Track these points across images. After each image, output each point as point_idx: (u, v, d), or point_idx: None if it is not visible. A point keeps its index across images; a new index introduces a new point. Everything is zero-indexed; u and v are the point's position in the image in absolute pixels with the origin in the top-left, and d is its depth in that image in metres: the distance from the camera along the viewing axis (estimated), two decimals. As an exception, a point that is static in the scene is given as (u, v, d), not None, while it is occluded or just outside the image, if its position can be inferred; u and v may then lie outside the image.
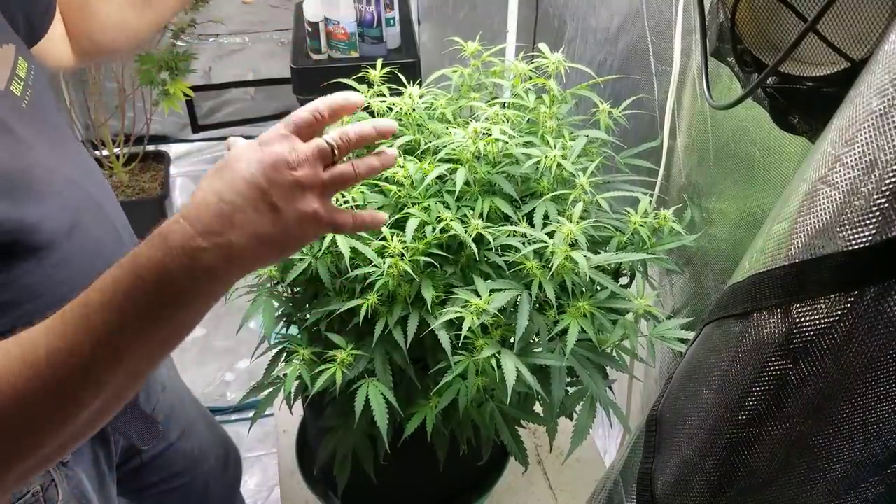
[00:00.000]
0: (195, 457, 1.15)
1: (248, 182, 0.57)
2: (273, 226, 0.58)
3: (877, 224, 0.41)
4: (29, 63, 0.80)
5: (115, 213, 0.86)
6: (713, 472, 0.53)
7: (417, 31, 2.42)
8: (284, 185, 0.58)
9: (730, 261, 0.97)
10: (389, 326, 0.86)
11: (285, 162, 0.58)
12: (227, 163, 0.59)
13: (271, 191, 0.58)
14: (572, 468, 1.32)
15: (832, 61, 0.55)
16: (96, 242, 0.79)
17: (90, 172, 0.85)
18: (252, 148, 0.59)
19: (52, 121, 0.82)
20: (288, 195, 0.58)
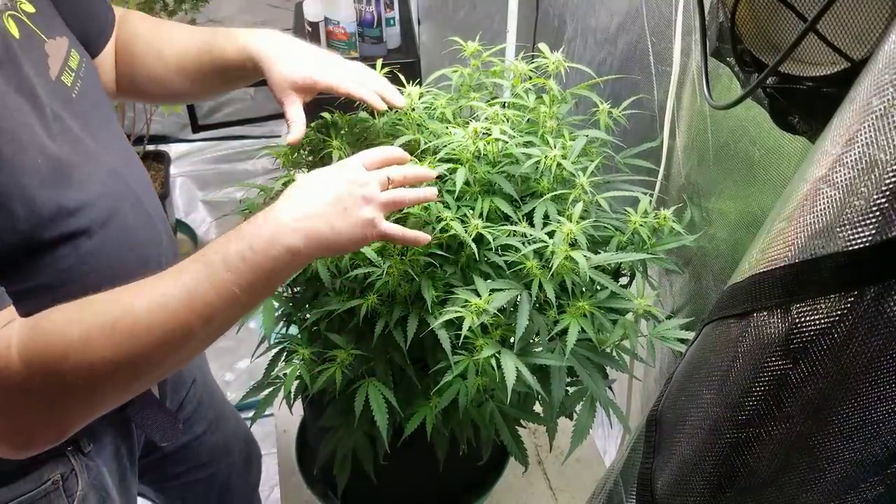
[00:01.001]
0: (220, 449, 1.16)
1: (332, 188, 0.75)
2: (343, 221, 0.75)
3: (877, 224, 0.41)
4: (81, 56, 0.83)
5: (153, 207, 0.88)
6: (713, 472, 0.53)
7: (417, 31, 2.42)
8: (355, 195, 0.76)
9: (730, 261, 0.97)
10: (389, 326, 0.86)
11: (358, 181, 0.76)
12: (312, 176, 0.77)
13: (346, 197, 0.75)
14: (572, 468, 1.32)
15: (832, 61, 0.55)
16: (131, 233, 0.81)
17: (133, 165, 0.87)
18: (338, 167, 0.78)
19: (99, 112, 0.84)
20: (356, 203, 0.76)
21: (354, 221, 0.75)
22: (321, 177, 0.77)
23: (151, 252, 0.85)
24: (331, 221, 0.74)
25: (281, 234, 0.72)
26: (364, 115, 1.04)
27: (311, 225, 0.73)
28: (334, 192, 0.75)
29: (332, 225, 0.74)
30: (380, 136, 1.01)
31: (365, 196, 0.76)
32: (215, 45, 0.97)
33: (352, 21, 1.98)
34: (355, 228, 0.75)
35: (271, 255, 0.71)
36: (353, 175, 0.77)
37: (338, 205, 0.74)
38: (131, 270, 0.78)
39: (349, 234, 0.75)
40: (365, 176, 0.77)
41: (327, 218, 0.74)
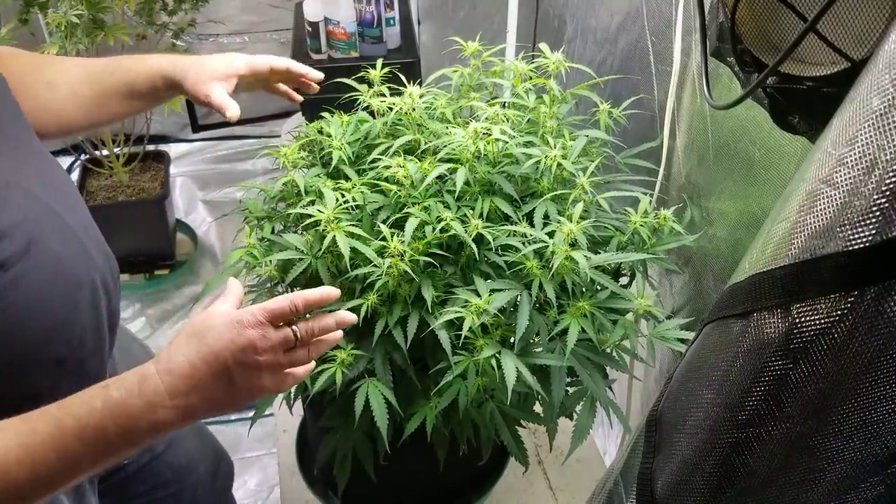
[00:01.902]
0: (182, 467, 1.14)
1: (216, 357, 0.67)
2: (227, 395, 0.68)
3: (877, 224, 0.41)
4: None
5: (80, 226, 0.82)
6: (713, 472, 0.53)
7: (417, 31, 2.42)
8: (247, 366, 0.68)
9: (730, 261, 0.97)
10: (389, 326, 0.86)
11: (253, 347, 0.67)
12: (203, 331, 0.68)
13: (234, 369, 0.67)
14: (572, 468, 1.32)
15: (832, 61, 0.55)
16: (57, 259, 0.75)
17: (54, 184, 0.81)
18: (229, 327, 0.68)
19: (11, 131, 0.79)
20: (247, 374, 0.68)
21: (243, 393, 0.69)
22: (210, 336, 0.67)
23: (82, 273, 0.79)
24: (212, 396, 0.67)
25: (152, 413, 0.65)
26: (364, 115, 1.04)
27: (189, 402, 0.66)
28: (220, 363, 0.67)
29: (211, 400, 0.68)
30: (380, 135, 1.01)
31: (259, 364, 0.68)
32: (119, 67, 0.96)
33: (352, 21, 1.98)
34: (242, 400, 0.69)
35: (137, 432, 0.66)
36: (246, 339, 0.67)
37: (222, 376, 0.67)
38: (60, 296, 0.75)
39: (233, 405, 0.69)
40: (262, 339, 0.68)
41: (210, 392, 0.67)
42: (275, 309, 0.69)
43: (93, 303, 0.80)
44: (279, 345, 0.69)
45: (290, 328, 0.70)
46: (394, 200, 0.92)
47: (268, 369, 0.69)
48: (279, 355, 0.69)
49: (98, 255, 0.83)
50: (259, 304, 0.69)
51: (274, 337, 0.69)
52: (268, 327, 0.68)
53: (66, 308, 0.76)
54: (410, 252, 0.85)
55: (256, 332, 0.68)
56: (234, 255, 0.95)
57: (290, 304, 0.69)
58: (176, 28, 2.30)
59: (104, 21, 2.00)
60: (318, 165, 1.03)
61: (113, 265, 0.86)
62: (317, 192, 0.93)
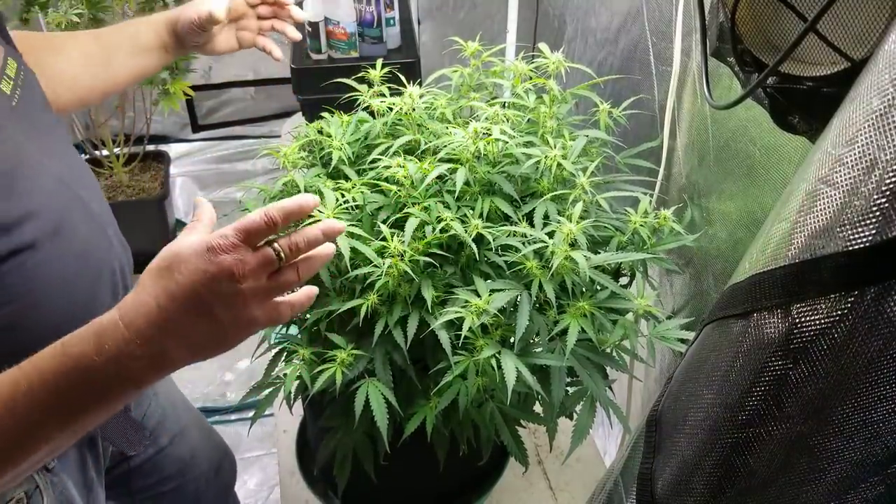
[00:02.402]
0: (186, 461, 1.14)
1: (187, 292, 0.58)
2: (210, 333, 0.59)
3: (877, 224, 0.41)
4: (18, 63, 0.81)
5: (103, 215, 0.84)
6: (713, 472, 0.53)
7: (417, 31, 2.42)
8: (227, 296, 0.58)
9: (730, 261, 0.97)
10: (389, 326, 0.86)
11: (231, 274, 0.58)
12: (171, 264, 0.59)
13: (213, 301, 0.58)
14: (572, 468, 1.32)
15: (832, 61, 0.55)
16: (83, 243, 0.78)
17: (80, 173, 0.84)
18: (199, 255, 0.58)
19: (41, 120, 0.81)
20: (229, 304, 0.59)
21: (230, 328, 0.60)
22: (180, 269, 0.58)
23: (104, 258, 0.82)
24: (192, 338, 0.59)
25: (118, 365, 0.57)
26: (364, 115, 1.04)
27: (160, 350, 0.58)
28: (193, 296, 0.58)
29: (194, 344, 0.60)
30: (380, 136, 1.01)
31: (240, 293, 0.59)
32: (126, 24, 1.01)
33: (352, 21, 1.98)
34: (232, 338, 0.61)
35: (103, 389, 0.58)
36: (220, 267, 0.58)
37: (199, 312, 0.58)
38: (84, 279, 0.77)
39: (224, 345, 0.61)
40: (238, 264, 0.58)
41: (187, 334, 0.59)
42: (249, 226, 0.60)
43: (112, 288, 0.82)
44: (260, 267, 0.60)
45: (271, 247, 0.61)
46: (394, 200, 0.92)
47: (253, 298, 0.60)
48: (262, 280, 0.61)
49: (116, 242, 0.85)
50: (231, 225, 0.60)
51: (252, 259, 0.60)
52: (244, 249, 0.59)
53: (89, 291, 0.78)
54: (410, 252, 0.85)
55: (231, 256, 0.58)
56: (234, 255, 0.95)
57: (264, 217, 0.60)
58: (176, 28, 2.30)
59: (104, 20, 2.00)
60: (318, 165, 1.03)
61: (129, 255, 0.89)
62: (317, 192, 0.93)
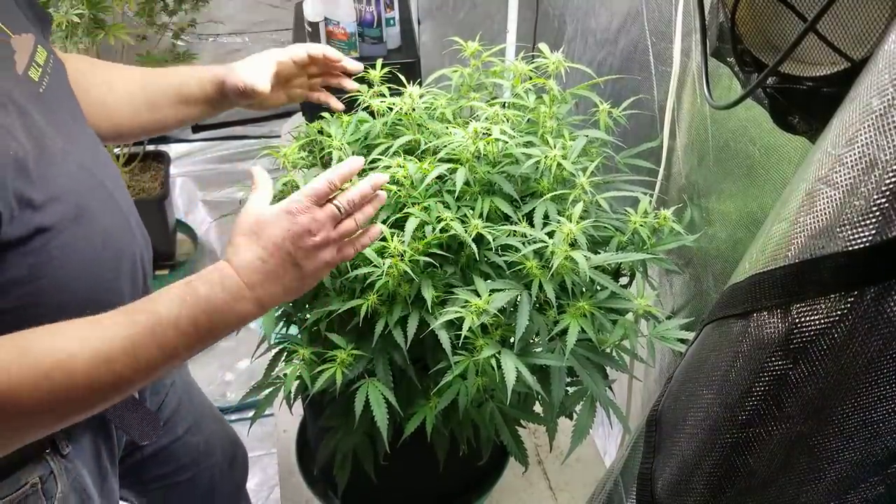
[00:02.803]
0: (201, 451, 1.15)
1: (280, 248, 0.74)
2: (297, 279, 0.76)
3: (877, 224, 0.41)
4: (48, 52, 0.83)
5: (125, 203, 0.87)
6: (713, 472, 0.53)
7: (417, 31, 2.42)
8: (307, 248, 0.75)
9: (730, 261, 0.97)
10: (389, 326, 0.86)
11: (307, 231, 0.75)
12: (259, 229, 0.75)
13: (297, 254, 0.74)
14: (572, 468, 1.32)
15: (832, 61, 0.55)
16: (104, 230, 0.80)
17: (103, 161, 0.86)
18: (281, 217, 0.75)
19: (67, 107, 0.84)
20: (309, 255, 0.75)
21: (310, 273, 0.76)
22: (268, 231, 0.75)
23: (125, 246, 0.84)
24: (285, 282, 0.75)
25: (236, 304, 0.73)
26: (364, 115, 1.04)
27: (266, 292, 0.74)
28: (284, 251, 0.74)
29: (286, 286, 0.75)
30: (380, 136, 1.01)
31: (317, 244, 0.75)
32: (175, 72, 1.02)
33: (352, 21, 1.98)
34: (311, 279, 0.77)
35: (224, 323, 0.73)
36: (300, 226, 0.75)
37: (289, 262, 0.74)
38: (105, 265, 0.79)
39: (305, 286, 0.77)
40: (313, 222, 0.75)
41: (282, 280, 0.75)
42: (317, 191, 0.75)
43: (133, 275, 0.84)
44: (329, 221, 0.76)
45: (333, 204, 0.77)
46: (394, 200, 0.92)
47: (325, 246, 0.76)
48: (330, 231, 0.76)
49: (137, 230, 0.88)
50: (301, 191, 0.75)
51: (322, 216, 0.75)
52: (315, 209, 0.75)
53: (110, 276, 0.81)
54: (410, 252, 0.85)
55: (306, 216, 0.74)
56: (234, 255, 0.95)
57: (328, 183, 0.76)
58: (176, 28, 2.30)
59: (105, 21, 2.00)
60: (318, 165, 1.03)
61: (149, 245, 0.91)
62: (317, 192, 0.93)
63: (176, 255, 2.51)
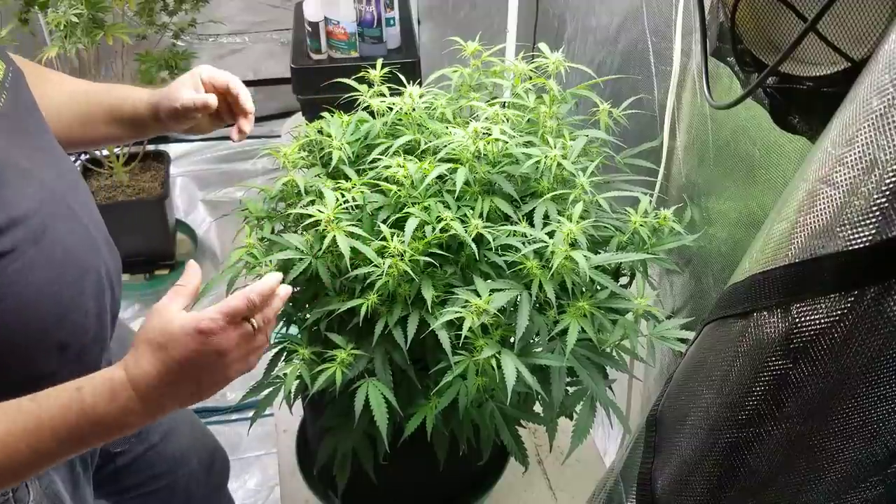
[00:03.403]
0: (176, 459, 1.14)
1: (184, 367, 0.70)
2: (196, 393, 0.73)
3: (877, 224, 0.41)
4: (6, 64, 0.80)
5: (89, 218, 0.84)
6: (713, 471, 0.53)
7: (417, 31, 2.42)
8: (214, 368, 0.72)
9: (730, 261, 0.97)
10: (389, 326, 0.86)
11: (218, 352, 0.71)
12: (167, 341, 0.70)
13: (201, 374, 0.71)
14: (572, 468, 1.32)
15: (832, 61, 0.55)
16: (66, 248, 0.77)
17: (67, 178, 0.83)
18: (193, 336, 0.70)
19: (29, 124, 0.81)
20: (215, 374, 0.72)
21: (211, 388, 0.74)
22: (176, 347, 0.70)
23: (89, 263, 0.81)
24: (181, 396, 0.73)
25: (124, 417, 0.70)
26: (364, 115, 1.04)
27: (160, 405, 0.71)
28: (188, 370, 0.71)
29: (182, 400, 0.73)
30: (380, 136, 1.01)
31: (225, 364, 0.72)
32: (111, 89, 0.99)
33: (352, 21, 1.98)
34: (210, 393, 0.74)
35: (108, 433, 0.70)
36: (211, 347, 0.71)
37: (191, 380, 0.72)
38: (68, 284, 0.77)
39: (203, 398, 0.74)
40: (225, 343, 0.71)
41: (179, 395, 0.72)
42: (235, 309, 0.71)
43: (97, 291, 0.82)
44: (242, 341, 0.72)
45: (249, 322, 0.73)
46: (394, 200, 0.92)
47: (235, 363, 0.73)
48: (241, 349, 0.73)
49: (104, 247, 0.85)
50: (217, 308, 0.71)
51: (235, 336, 0.72)
52: (229, 329, 0.71)
53: (73, 295, 0.78)
54: (410, 252, 0.85)
55: (220, 338, 0.70)
56: (234, 255, 0.95)
57: (246, 301, 0.72)
58: (176, 28, 2.30)
59: (104, 20, 2.00)
60: (318, 165, 1.03)
61: (117, 258, 0.88)
62: (317, 192, 0.93)
63: (176, 255, 2.51)
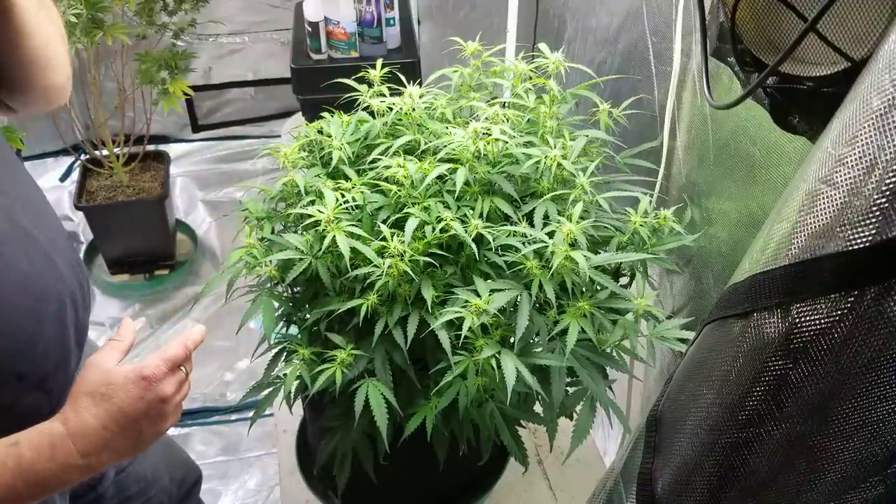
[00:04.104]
0: (148, 479, 1.14)
1: (128, 416, 0.71)
2: (135, 444, 0.73)
3: (877, 224, 0.41)
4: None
5: (48, 241, 0.80)
6: (713, 472, 0.53)
7: (417, 31, 2.42)
8: (156, 416, 0.73)
9: (730, 261, 0.97)
10: (389, 326, 0.86)
11: (164, 399, 0.73)
12: (109, 392, 0.71)
13: (143, 422, 0.72)
14: (572, 468, 1.32)
15: (832, 61, 0.55)
16: (23, 275, 0.75)
17: (23, 199, 0.80)
18: (136, 383, 0.72)
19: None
20: (155, 421, 0.73)
21: (150, 437, 0.74)
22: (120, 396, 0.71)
23: (48, 289, 0.78)
24: (122, 448, 0.72)
25: (63, 474, 0.69)
26: (364, 115, 1.04)
27: (100, 459, 0.70)
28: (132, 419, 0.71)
29: (122, 451, 0.72)
30: (380, 136, 1.01)
31: (167, 411, 0.74)
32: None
33: (352, 21, 1.98)
34: (147, 444, 0.75)
35: (45, 490, 0.69)
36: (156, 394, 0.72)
37: (134, 429, 0.71)
38: (24, 312, 0.75)
39: (140, 450, 0.75)
40: (169, 388, 0.73)
41: (120, 446, 0.71)
42: (175, 357, 0.75)
43: (58, 317, 0.79)
44: (179, 387, 0.75)
45: (181, 369, 0.76)
46: (394, 200, 0.92)
47: (172, 414, 0.75)
48: (178, 396, 0.75)
49: (66, 270, 0.82)
50: (158, 356, 0.74)
51: (176, 382, 0.75)
52: (170, 375, 0.74)
53: (30, 323, 0.76)
54: (410, 252, 0.85)
55: (163, 384, 0.73)
56: (234, 255, 0.95)
57: (185, 349, 0.76)
58: (176, 28, 2.30)
59: (103, 20, 2.00)
60: (318, 165, 1.03)
61: (83, 279, 0.86)
62: (317, 192, 0.93)
63: (176, 255, 2.51)
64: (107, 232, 2.37)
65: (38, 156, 2.73)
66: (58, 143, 2.53)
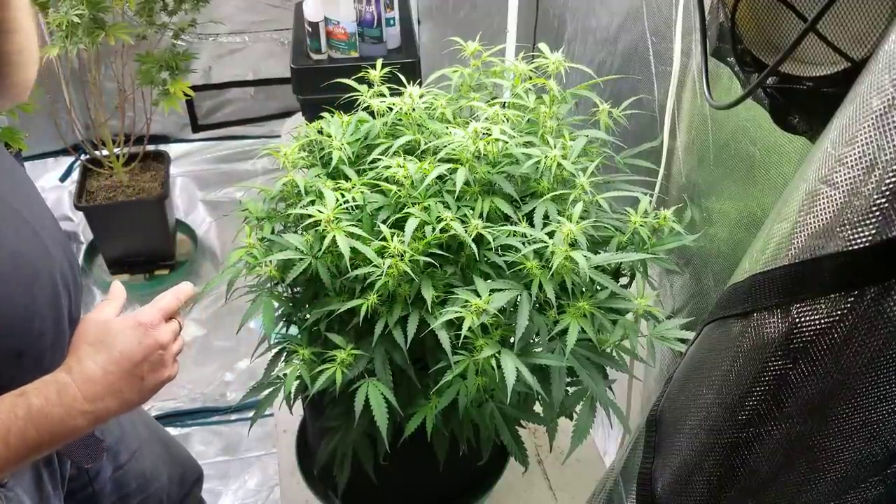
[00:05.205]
0: (147, 477, 1.14)
1: (128, 359, 0.74)
2: (137, 392, 0.76)
3: (877, 224, 0.41)
4: None
5: (38, 222, 0.81)
6: (713, 472, 0.53)
7: (417, 31, 2.42)
8: (155, 362, 0.76)
9: (730, 261, 0.97)
10: (389, 326, 0.86)
11: (161, 344, 0.77)
12: (107, 338, 0.74)
13: (143, 367, 0.75)
14: (572, 468, 1.32)
15: (832, 61, 0.55)
16: (14, 253, 0.76)
17: (12, 181, 0.81)
18: (134, 328, 0.76)
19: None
20: (155, 369, 0.77)
21: (150, 387, 0.77)
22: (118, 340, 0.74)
23: (40, 267, 0.79)
24: (124, 396, 0.74)
25: (70, 420, 0.71)
26: (364, 115, 1.04)
27: (104, 405, 0.73)
28: (132, 363, 0.74)
29: (124, 400, 0.74)
30: (380, 136, 1.01)
31: (164, 358, 0.77)
32: None
33: (352, 21, 1.98)
34: (148, 394, 0.77)
35: (55, 437, 0.71)
36: (153, 339, 0.76)
37: (133, 375, 0.74)
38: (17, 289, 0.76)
39: (142, 400, 0.77)
40: (165, 336, 0.77)
41: (121, 393, 0.74)
42: (170, 306, 0.79)
43: (52, 296, 0.80)
44: (174, 336, 0.79)
45: (175, 320, 0.81)
46: (394, 200, 0.92)
47: (169, 360, 0.78)
48: (173, 347, 0.79)
49: (56, 251, 0.83)
50: (154, 305, 0.79)
51: (171, 331, 0.79)
52: (164, 324, 0.78)
53: (25, 301, 0.77)
54: (410, 252, 0.85)
55: (159, 330, 0.77)
56: (234, 255, 0.95)
57: (177, 301, 0.80)
58: (176, 28, 2.30)
59: (105, 20, 2.00)
60: (318, 165, 1.03)
61: (73, 261, 0.87)
62: (317, 192, 0.93)
63: (176, 255, 2.51)
64: (107, 232, 2.37)
65: (38, 156, 2.73)
66: (58, 143, 2.53)
